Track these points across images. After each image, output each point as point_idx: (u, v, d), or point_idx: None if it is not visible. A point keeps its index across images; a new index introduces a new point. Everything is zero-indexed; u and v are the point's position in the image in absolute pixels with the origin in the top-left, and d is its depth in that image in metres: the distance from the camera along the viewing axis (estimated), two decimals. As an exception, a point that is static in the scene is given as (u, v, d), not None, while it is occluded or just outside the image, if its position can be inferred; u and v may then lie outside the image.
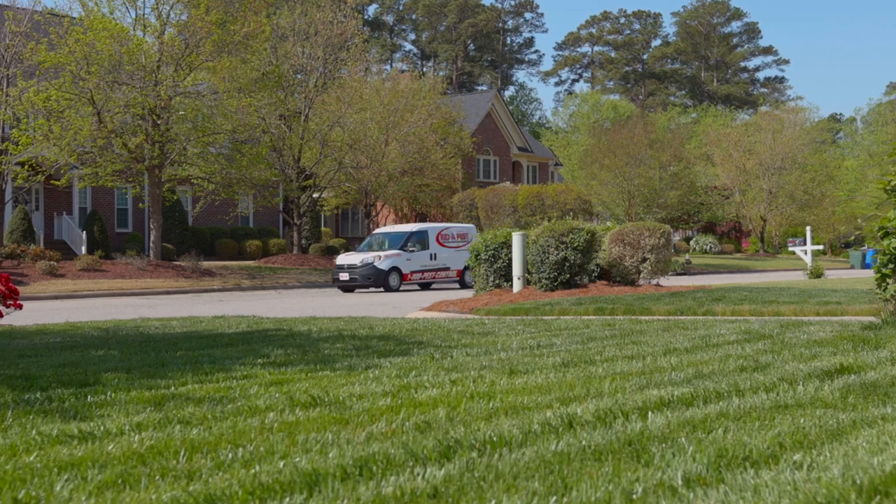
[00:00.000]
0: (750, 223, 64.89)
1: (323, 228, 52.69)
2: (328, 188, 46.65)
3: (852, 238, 78.09)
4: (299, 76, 42.67)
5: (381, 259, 28.03)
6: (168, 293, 27.86)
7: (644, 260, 18.17)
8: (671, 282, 19.15)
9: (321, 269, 38.71)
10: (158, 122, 31.82)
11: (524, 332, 8.23)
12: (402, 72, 54.40)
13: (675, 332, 7.80)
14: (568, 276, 17.86)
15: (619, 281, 18.47)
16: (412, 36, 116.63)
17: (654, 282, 18.71)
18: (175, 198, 35.44)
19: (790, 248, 33.91)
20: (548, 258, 17.78)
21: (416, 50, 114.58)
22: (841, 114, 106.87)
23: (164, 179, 33.73)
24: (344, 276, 27.89)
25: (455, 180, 53.22)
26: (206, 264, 33.86)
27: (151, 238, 33.98)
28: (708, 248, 62.28)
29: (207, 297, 26.22)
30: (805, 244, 30.42)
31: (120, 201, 42.05)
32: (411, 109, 46.69)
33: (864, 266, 50.75)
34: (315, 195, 45.29)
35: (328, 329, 9.39)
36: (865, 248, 64.51)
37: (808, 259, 29.42)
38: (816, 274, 27.50)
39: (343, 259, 28.96)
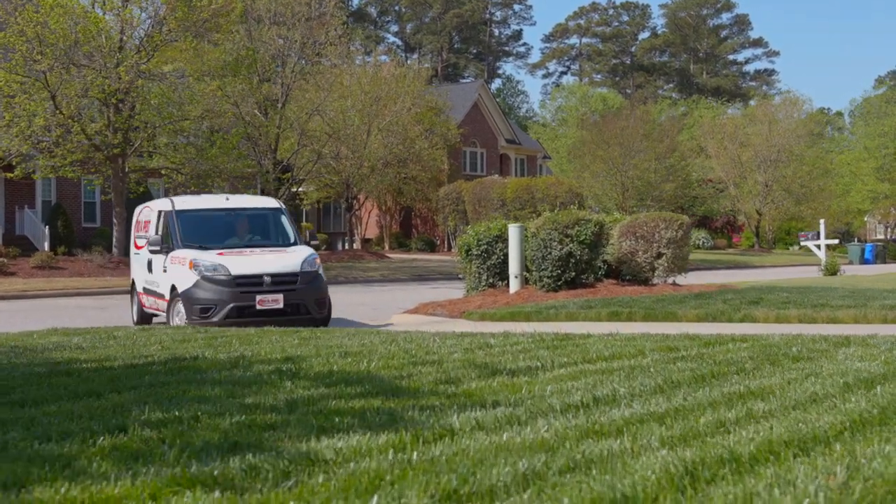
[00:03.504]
0: (745, 217, 63.01)
1: (303, 223, 50.36)
2: (308, 181, 44.29)
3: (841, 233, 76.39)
4: (279, 68, 40.26)
5: (311, 260, 14.53)
6: (128, 293, 25.45)
7: (659, 255, 15.95)
8: (679, 280, 16.86)
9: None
10: (120, 107, 29.39)
11: (553, 363, 5.43)
12: (383, 62, 52.09)
13: (790, 369, 5.00)
14: (573, 273, 15.63)
15: (629, 279, 16.26)
16: (396, 27, 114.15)
17: (670, 280, 16.51)
18: (142, 190, 32.98)
19: (802, 243, 31.78)
20: (550, 253, 15.55)
21: (400, 42, 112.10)
22: (829, 108, 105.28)
23: (128, 170, 31.33)
24: (270, 302, 13.67)
25: (441, 172, 50.99)
26: (174, 261, 31.43)
27: (115, 233, 31.56)
28: (701, 243, 60.33)
29: (171, 298, 23.88)
30: (818, 238, 28.29)
31: (87, 194, 39.56)
32: (394, 98, 44.52)
33: (864, 261, 48.80)
34: (294, 188, 42.97)
35: (271, 356, 6.42)
36: (856, 241, 62.59)
37: (821, 254, 27.33)
38: (832, 270, 25.42)
39: (232, 262, 13.92)
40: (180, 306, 13.51)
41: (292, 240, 14.98)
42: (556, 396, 4.10)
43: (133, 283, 16.53)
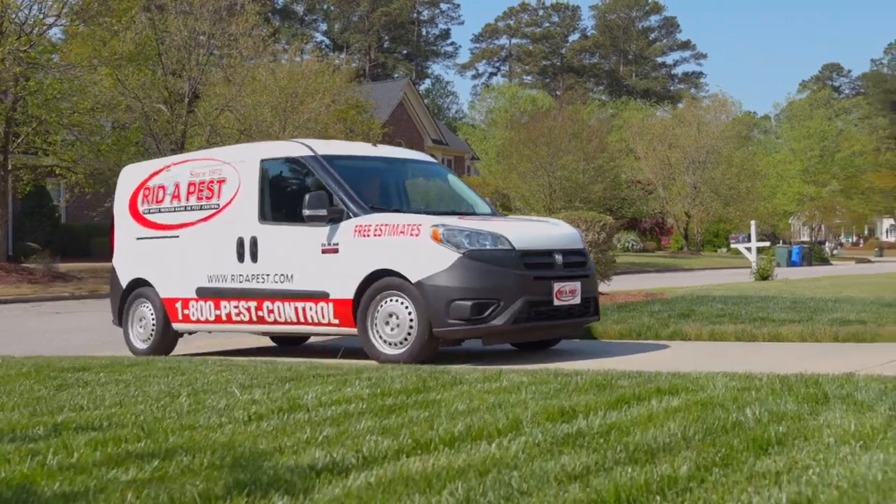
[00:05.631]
0: (674, 219, 62.34)
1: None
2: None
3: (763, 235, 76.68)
4: (187, 61, 37.83)
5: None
6: (4, 303, 22.93)
7: (580, 261, 14.17)
8: (603, 287, 15.05)
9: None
10: (-1, 98, 26.76)
11: (361, 455, 3.35)
12: (302, 56, 49.92)
13: (757, 475, 2.88)
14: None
15: (547, 288, 14.45)
16: (324, 26, 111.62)
17: (591, 288, 14.73)
18: (28, 189, 30.31)
19: (733, 245, 30.59)
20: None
21: (328, 41, 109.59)
22: (755, 111, 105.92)
23: (11, 168, 28.67)
24: (568, 294, 8.57)
25: (363, 173, 48.95)
26: (65, 267, 28.89)
27: (-4, 236, 28.83)
28: (630, 245, 59.46)
29: (51, 307, 21.59)
30: (749, 240, 27.02)
31: (-22, 196, 36.68)
32: (313, 94, 42.54)
33: (791, 263, 48.30)
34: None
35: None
36: (781, 243, 62.56)
37: (752, 257, 26.03)
38: (764, 275, 24.09)
39: (503, 229, 8.61)
40: (401, 306, 8.18)
41: (489, 209, 10.10)
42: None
43: (135, 283, 10.52)
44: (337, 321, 8.63)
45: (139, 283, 10.48)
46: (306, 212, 8.69)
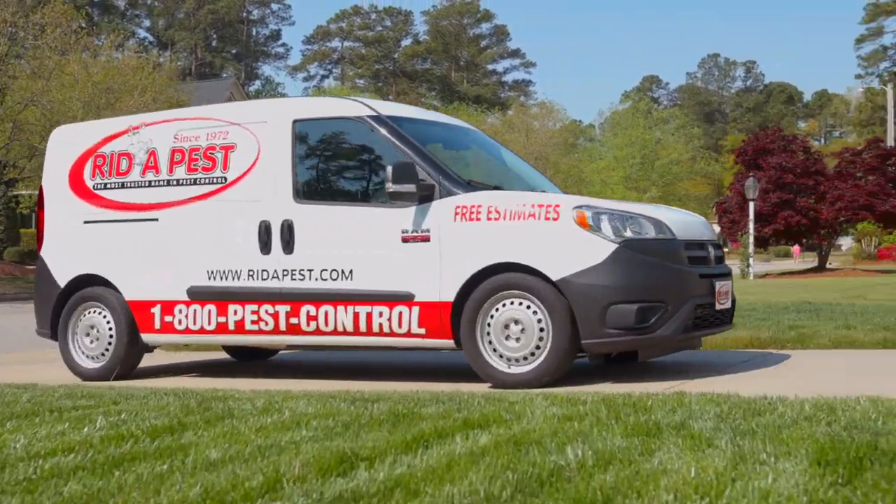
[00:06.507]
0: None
1: (23, 230, 44.42)
2: (26, 181, 38.97)
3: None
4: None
5: None
6: None
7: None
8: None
9: (12, 277, 31.73)
10: None
11: None
12: (123, 51, 47.41)
13: None
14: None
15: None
16: (147, 23, 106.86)
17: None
18: None
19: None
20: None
21: (152, 38, 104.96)
22: (580, 120, 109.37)
23: None
24: (723, 297, 6.94)
25: (186, 175, 46.90)
26: None
27: None
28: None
29: None
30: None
31: None
32: (131, 91, 40.49)
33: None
34: (14, 191, 37.83)
35: None
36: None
37: (579, 261, 26.32)
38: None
39: (658, 215, 6.79)
40: (527, 311, 6.28)
41: (558, 189, 8.39)
42: None
43: (81, 280, 8.07)
44: (423, 331, 6.55)
45: (88, 281, 8.05)
46: (392, 187, 6.52)
